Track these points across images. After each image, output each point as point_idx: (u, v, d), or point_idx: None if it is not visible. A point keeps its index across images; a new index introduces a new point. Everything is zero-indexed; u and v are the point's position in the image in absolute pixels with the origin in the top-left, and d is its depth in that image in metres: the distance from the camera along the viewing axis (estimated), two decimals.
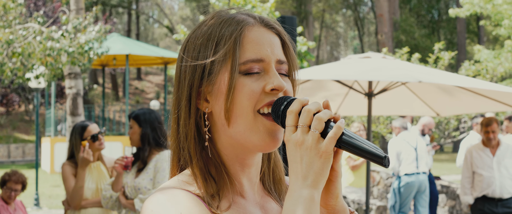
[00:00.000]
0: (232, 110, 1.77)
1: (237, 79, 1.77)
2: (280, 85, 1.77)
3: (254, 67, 1.78)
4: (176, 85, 1.88)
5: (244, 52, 1.79)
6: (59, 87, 34.38)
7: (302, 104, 1.70)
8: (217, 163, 1.83)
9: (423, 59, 26.43)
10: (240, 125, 1.78)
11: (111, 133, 30.13)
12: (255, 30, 1.83)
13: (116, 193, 6.58)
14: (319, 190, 1.66)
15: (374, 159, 1.63)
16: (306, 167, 1.65)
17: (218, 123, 1.82)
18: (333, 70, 9.03)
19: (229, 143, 1.83)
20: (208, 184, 1.78)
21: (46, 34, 12.48)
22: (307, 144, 1.65)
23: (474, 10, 23.92)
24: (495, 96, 9.65)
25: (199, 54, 1.82)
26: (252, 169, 1.89)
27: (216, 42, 1.80)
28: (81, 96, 15.84)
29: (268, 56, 1.80)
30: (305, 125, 1.66)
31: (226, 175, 1.83)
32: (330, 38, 73.41)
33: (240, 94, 1.76)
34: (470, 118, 22.24)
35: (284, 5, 46.50)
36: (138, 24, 64.51)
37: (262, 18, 1.88)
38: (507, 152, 9.99)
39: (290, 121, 1.68)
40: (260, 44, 1.81)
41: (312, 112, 1.67)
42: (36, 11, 22.73)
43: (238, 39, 1.79)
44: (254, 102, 1.76)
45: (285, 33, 1.91)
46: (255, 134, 1.77)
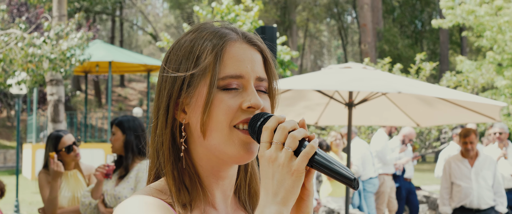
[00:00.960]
0: (208, 123, 1.78)
1: (215, 94, 1.77)
2: (257, 103, 1.78)
3: (232, 83, 1.79)
4: (157, 94, 1.89)
5: (224, 67, 1.79)
6: (41, 94, 34.24)
7: (278, 122, 1.70)
8: (192, 173, 1.84)
9: (405, 70, 26.54)
10: (215, 138, 1.78)
11: (93, 139, 30.03)
12: (237, 46, 1.83)
13: (95, 201, 6.53)
14: (288, 207, 1.66)
15: (344, 181, 1.64)
16: (277, 183, 1.65)
17: (194, 134, 1.83)
18: (314, 80, 9.05)
19: (205, 154, 1.84)
20: (180, 194, 1.79)
21: (28, 41, 12.45)
22: (280, 161, 1.65)
23: (456, 21, 24.06)
24: (475, 107, 9.71)
25: (180, 66, 1.83)
26: (226, 181, 1.90)
27: (197, 55, 1.82)
28: (63, 103, 15.79)
29: (248, 73, 1.81)
30: (280, 142, 1.66)
31: (200, 186, 1.84)
32: (314, 47, 73.50)
33: (217, 109, 1.77)
34: (451, 129, 22.34)
35: (268, 14, 46.54)
36: (122, 31, 64.36)
37: (245, 34, 1.88)
38: (485, 163, 10.04)
39: (265, 137, 1.69)
40: (241, 60, 1.82)
41: (287, 130, 1.67)
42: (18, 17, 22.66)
43: (219, 54, 1.80)
44: (230, 118, 1.77)
45: (268, 50, 1.92)
46: (230, 146, 1.78)
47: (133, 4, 61.83)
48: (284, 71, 19.81)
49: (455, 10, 23.89)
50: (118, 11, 60.14)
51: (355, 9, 57.78)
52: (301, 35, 64.14)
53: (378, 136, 14.08)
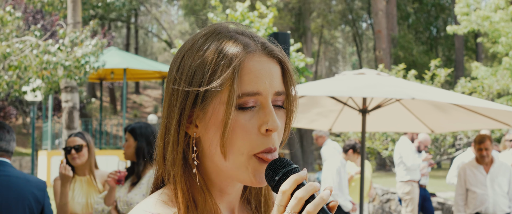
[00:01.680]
0: (227, 145, 1.71)
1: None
2: (274, 126, 1.69)
3: (249, 102, 1.70)
4: (166, 107, 1.80)
5: (241, 84, 1.69)
6: (56, 101, 34.39)
7: (296, 184, 1.63)
8: (202, 189, 1.79)
9: (420, 76, 26.47)
10: (230, 161, 1.72)
11: (108, 146, 30.10)
12: (255, 60, 1.72)
13: (108, 207, 6.54)
14: None
15: None
16: None
17: (205, 149, 1.76)
18: (327, 87, 9.03)
19: (215, 170, 1.78)
20: (189, 210, 1.74)
21: (42, 48, 12.50)
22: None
23: (471, 28, 23.99)
24: (490, 113, 9.66)
25: (193, 79, 1.72)
26: (232, 195, 1.87)
27: (213, 69, 1.70)
28: (77, 110, 15.85)
29: (266, 90, 1.71)
30: (293, 212, 1.60)
31: (209, 200, 1.79)
32: (328, 53, 73.40)
33: (234, 133, 1.69)
34: (466, 135, 22.25)
35: (282, 20, 46.50)
36: (137, 38, 64.57)
37: (264, 44, 1.77)
38: (501, 169, 9.98)
39: (281, 201, 1.63)
40: (259, 76, 1.71)
41: (303, 199, 1.59)
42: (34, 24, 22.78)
43: (237, 70, 1.69)
44: (249, 144, 1.70)
45: (288, 61, 1.82)
46: (243, 173, 1.73)
47: (148, 11, 62.00)
48: (299, 78, 19.79)
49: (470, 16, 23.82)
50: (133, 18, 60.35)
51: (370, 16, 57.73)
52: (315, 41, 64.10)
53: (403, 142, 14.05)
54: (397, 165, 13.89)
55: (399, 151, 13.92)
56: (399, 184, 13.85)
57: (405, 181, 13.73)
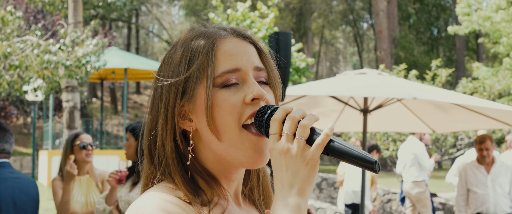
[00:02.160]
0: (216, 125, 1.73)
1: (215, 93, 1.73)
2: (260, 93, 1.73)
3: (231, 79, 1.74)
4: (150, 106, 1.84)
5: (219, 64, 1.75)
6: (57, 101, 34.39)
7: (286, 112, 1.66)
8: (206, 178, 1.80)
9: (421, 76, 26.46)
10: (226, 140, 1.74)
11: (109, 146, 30.08)
12: (228, 41, 1.79)
13: (109, 207, 6.53)
14: (306, 198, 1.63)
15: (365, 164, 1.60)
16: (292, 175, 1.61)
17: (204, 140, 1.78)
18: (328, 86, 9.02)
19: (216, 159, 1.79)
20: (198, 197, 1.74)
21: (43, 47, 12.49)
22: (293, 152, 1.61)
23: (472, 28, 23.99)
24: (491, 113, 9.65)
25: (173, 72, 1.79)
26: (235, 183, 1.87)
27: (189, 58, 1.77)
28: (78, 109, 15.85)
29: (244, 65, 1.77)
30: (290, 133, 1.62)
31: (217, 186, 1.80)
32: (329, 54, 73.41)
33: (221, 109, 1.72)
34: (467, 135, 22.22)
35: (283, 20, 46.50)
36: (137, 38, 64.55)
37: (234, 29, 1.85)
38: (502, 169, 9.97)
39: (274, 129, 1.65)
40: (234, 54, 1.77)
41: (296, 119, 1.63)
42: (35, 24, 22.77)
43: (210, 52, 1.76)
44: (237, 116, 1.72)
45: (260, 41, 1.88)
46: (241, 150, 1.74)
47: (149, 11, 61.98)
48: (300, 78, 19.79)
49: (471, 16, 23.83)
50: (134, 18, 60.33)
51: (371, 16, 57.70)
52: (316, 42, 64.11)
53: (415, 142, 13.89)
54: (409, 166, 13.69)
55: (412, 151, 13.70)
56: (411, 185, 13.66)
57: (419, 181, 13.63)
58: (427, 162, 13.66)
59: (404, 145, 14.17)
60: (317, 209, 14.18)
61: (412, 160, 13.67)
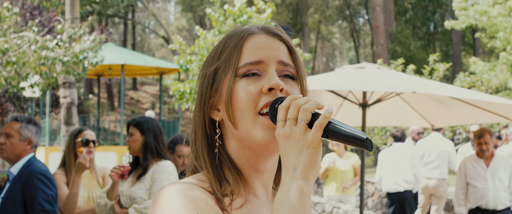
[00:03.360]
0: (233, 112, 1.82)
1: (235, 82, 1.83)
2: (277, 83, 1.80)
3: (252, 69, 1.84)
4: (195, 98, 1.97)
5: (243, 56, 1.86)
6: (54, 97, 34.31)
7: (293, 100, 1.72)
8: (230, 167, 1.87)
9: (418, 71, 26.46)
10: (242, 127, 1.82)
11: (106, 142, 30.05)
12: (257, 37, 1.90)
13: (111, 202, 6.52)
14: (309, 182, 1.67)
15: (357, 143, 1.64)
16: (295, 158, 1.67)
17: (227, 129, 1.88)
18: (327, 81, 9.02)
19: (240, 148, 1.87)
20: (221, 186, 1.83)
21: (40, 43, 12.46)
22: (295, 136, 1.67)
23: (469, 23, 23.95)
24: (489, 107, 9.64)
25: (207, 65, 1.92)
26: (265, 176, 1.93)
27: (219, 52, 1.89)
28: (76, 105, 15.81)
29: (268, 58, 1.85)
30: (293, 117, 1.69)
31: (239, 177, 1.87)
32: (326, 49, 73.39)
33: (239, 97, 1.81)
34: (465, 130, 22.25)
35: (280, 16, 46.52)
36: (134, 34, 64.49)
37: (266, 27, 1.95)
38: (501, 163, 9.97)
39: (280, 115, 1.72)
40: (260, 48, 1.87)
41: (299, 105, 1.69)
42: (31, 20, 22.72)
43: (238, 45, 1.86)
44: (253, 104, 1.81)
45: (290, 40, 1.97)
46: (255, 133, 1.81)
47: (145, 7, 61.94)
48: None
49: (468, 11, 23.78)
50: (130, 14, 60.27)
51: (367, 11, 57.68)
52: (313, 37, 64.06)
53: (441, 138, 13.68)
54: (440, 163, 13.43)
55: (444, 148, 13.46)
56: (437, 182, 13.40)
57: (446, 179, 13.52)
58: (456, 160, 13.54)
59: (429, 141, 13.68)
60: (315, 204, 14.18)
61: (442, 158, 13.48)
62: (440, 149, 13.45)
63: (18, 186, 5.72)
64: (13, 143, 5.86)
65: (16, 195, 5.69)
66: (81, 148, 6.97)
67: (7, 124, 5.95)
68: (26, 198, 5.70)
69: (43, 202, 5.72)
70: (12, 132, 5.88)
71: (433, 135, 13.67)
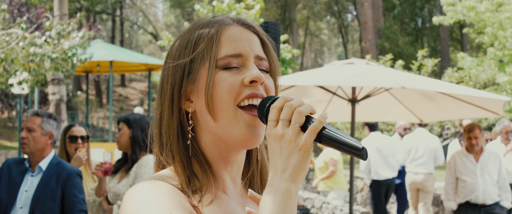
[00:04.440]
0: (213, 104, 1.79)
1: (216, 73, 1.80)
2: (259, 76, 1.80)
3: (232, 62, 1.82)
4: (160, 89, 1.91)
5: (222, 48, 1.83)
6: (42, 94, 34.22)
7: (286, 101, 1.71)
8: (201, 161, 1.85)
9: (407, 66, 26.51)
10: (221, 119, 1.80)
11: (94, 139, 29.99)
12: (232, 28, 1.88)
13: (99, 198, 6.54)
14: (297, 184, 1.66)
15: (353, 152, 1.63)
16: (285, 160, 1.65)
17: (201, 121, 1.85)
18: (316, 76, 9.03)
19: (213, 140, 1.85)
20: (190, 181, 1.80)
21: (29, 40, 12.42)
22: (287, 137, 1.66)
23: (457, 18, 24.00)
24: (478, 102, 9.68)
25: (179, 56, 1.87)
26: (235, 167, 1.92)
27: (195, 42, 1.86)
28: (65, 102, 15.79)
29: (247, 51, 1.84)
30: (286, 119, 1.67)
31: (210, 173, 1.85)
32: (314, 45, 73.42)
33: (219, 88, 1.79)
34: (453, 125, 22.33)
35: (268, 12, 46.52)
36: (122, 31, 64.27)
37: (239, 18, 1.93)
38: (491, 158, 10.01)
39: (272, 115, 1.70)
40: (238, 40, 1.85)
41: (294, 107, 1.68)
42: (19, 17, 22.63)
43: (215, 36, 1.84)
44: (234, 95, 1.80)
45: (264, 33, 1.95)
46: (235, 128, 1.80)
47: (133, 3, 61.78)
48: (286, 69, 19.80)
49: (456, 6, 23.83)
50: (118, 11, 60.10)
51: (355, 7, 57.74)
52: (301, 33, 64.09)
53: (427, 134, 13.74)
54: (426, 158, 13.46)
55: (430, 144, 13.49)
56: (424, 177, 13.41)
57: (432, 174, 13.59)
58: (443, 156, 13.61)
59: (415, 136, 13.79)
60: (305, 199, 14.21)
61: (429, 153, 13.52)
62: (427, 145, 13.50)
63: (54, 182, 5.82)
64: (35, 137, 5.95)
65: (55, 191, 5.79)
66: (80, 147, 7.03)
67: (28, 119, 6.06)
68: (65, 195, 5.82)
69: (82, 202, 5.88)
70: (34, 126, 5.97)
71: (419, 131, 13.74)
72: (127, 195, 1.72)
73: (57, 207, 5.76)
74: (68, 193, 5.82)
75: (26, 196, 5.78)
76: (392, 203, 16.76)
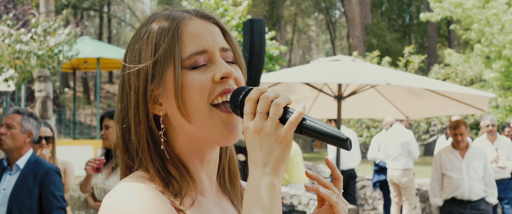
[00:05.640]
0: (185, 106, 1.73)
1: (184, 74, 1.74)
2: (229, 71, 1.75)
3: (199, 60, 1.75)
4: (119, 95, 1.84)
5: (185, 46, 1.76)
6: (29, 91, 34.07)
7: (261, 92, 1.67)
8: (177, 164, 1.80)
9: (394, 63, 26.58)
10: (197, 120, 1.74)
11: (82, 136, 29.92)
12: (192, 23, 1.80)
13: (84, 195, 6.52)
14: (280, 177, 1.63)
15: (337, 142, 1.61)
16: (266, 153, 1.62)
17: (173, 123, 1.78)
18: (303, 73, 9.04)
19: (188, 141, 1.80)
20: (169, 186, 1.74)
21: (15, 37, 12.36)
22: (266, 130, 1.63)
23: (444, 15, 24.08)
24: (464, 99, 9.72)
25: (140, 58, 1.78)
26: (211, 165, 1.87)
27: (155, 43, 1.77)
28: (51, 99, 15.73)
29: (211, 46, 1.78)
30: (264, 111, 1.64)
31: (188, 175, 1.80)
32: (302, 42, 73.47)
33: (191, 89, 1.73)
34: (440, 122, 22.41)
35: (256, 8, 46.49)
36: (109, 28, 64.11)
37: (197, 10, 1.86)
38: (476, 154, 10.04)
39: (248, 108, 1.66)
40: (200, 35, 1.78)
41: (270, 99, 1.65)
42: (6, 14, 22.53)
43: (176, 34, 1.76)
44: (206, 95, 1.73)
45: (223, 21, 1.89)
46: (212, 128, 1.75)
47: (121, 0, 61.62)
48: (273, 66, 19.80)
49: (443, 3, 23.90)
50: (105, 7, 59.95)
51: (343, 3, 57.81)
52: (289, 30, 64.13)
53: (401, 129, 13.69)
54: (399, 154, 13.53)
55: (402, 139, 13.47)
56: (400, 173, 13.45)
57: (409, 169, 13.60)
58: (417, 150, 13.65)
59: (390, 132, 13.88)
60: (291, 196, 14.22)
61: (402, 148, 13.57)
62: (399, 140, 13.54)
63: (32, 180, 5.82)
64: (14, 134, 5.94)
65: (32, 189, 5.78)
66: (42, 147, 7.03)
67: (8, 116, 6.05)
68: (43, 193, 5.81)
69: (60, 199, 5.87)
70: (14, 123, 5.97)
71: (395, 126, 13.83)
72: (108, 199, 1.64)
73: (35, 205, 5.75)
74: (45, 190, 5.81)
75: (4, 194, 5.77)
76: (379, 199, 16.80)
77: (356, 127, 22.20)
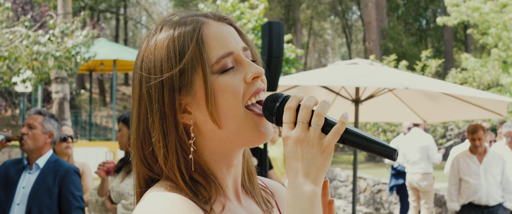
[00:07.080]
0: (219, 112, 1.71)
1: (214, 80, 1.71)
2: (259, 71, 1.75)
3: (228, 63, 1.73)
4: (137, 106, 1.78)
5: (211, 51, 1.72)
6: (45, 92, 34.24)
7: (299, 100, 1.67)
8: (204, 171, 1.78)
9: (411, 67, 26.48)
10: (232, 124, 1.73)
11: (98, 138, 30.01)
12: (212, 26, 1.77)
13: (101, 198, 6.54)
14: (320, 186, 1.64)
15: (383, 153, 1.61)
16: (308, 163, 1.62)
17: (204, 130, 1.75)
18: (320, 76, 9.02)
19: (218, 147, 1.78)
20: (198, 194, 1.73)
21: (32, 38, 12.42)
22: (309, 141, 1.62)
23: (461, 19, 23.97)
24: (482, 103, 9.67)
25: (161, 68, 1.72)
26: (237, 169, 1.87)
27: (178, 50, 1.72)
28: (68, 101, 15.79)
29: (235, 47, 1.76)
30: (305, 121, 1.63)
31: (215, 183, 1.78)
32: (318, 45, 73.42)
33: (225, 94, 1.70)
34: (457, 126, 22.30)
35: (272, 11, 46.52)
36: (126, 30, 64.33)
37: (213, 13, 1.84)
38: (494, 159, 9.99)
39: (288, 117, 1.66)
40: (223, 38, 1.76)
41: (310, 108, 1.64)
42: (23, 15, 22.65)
43: (200, 39, 1.72)
44: (241, 97, 1.72)
45: (236, 21, 1.88)
46: (247, 130, 1.74)
47: (137, 2, 61.79)
48: (289, 69, 19.79)
49: (460, 7, 23.81)
50: (122, 9, 60.14)
51: (359, 7, 57.71)
52: (305, 33, 64.09)
53: (420, 133, 13.68)
54: (419, 158, 13.50)
55: (421, 143, 13.43)
56: (420, 177, 13.40)
57: (428, 174, 13.55)
58: (436, 155, 13.60)
59: (409, 136, 13.84)
60: None
61: (422, 152, 13.52)
62: (419, 144, 13.49)
63: (52, 179, 5.87)
64: (35, 134, 5.98)
65: (51, 188, 5.83)
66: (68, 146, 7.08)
67: (30, 116, 6.09)
68: (63, 193, 5.86)
69: (79, 199, 5.92)
70: (36, 123, 6.01)
71: (413, 131, 13.76)
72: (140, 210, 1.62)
73: (54, 204, 5.79)
74: (65, 190, 5.85)
75: (23, 192, 5.80)
76: (395, 203, 16.74)
77: (372, 131, 22.12)
